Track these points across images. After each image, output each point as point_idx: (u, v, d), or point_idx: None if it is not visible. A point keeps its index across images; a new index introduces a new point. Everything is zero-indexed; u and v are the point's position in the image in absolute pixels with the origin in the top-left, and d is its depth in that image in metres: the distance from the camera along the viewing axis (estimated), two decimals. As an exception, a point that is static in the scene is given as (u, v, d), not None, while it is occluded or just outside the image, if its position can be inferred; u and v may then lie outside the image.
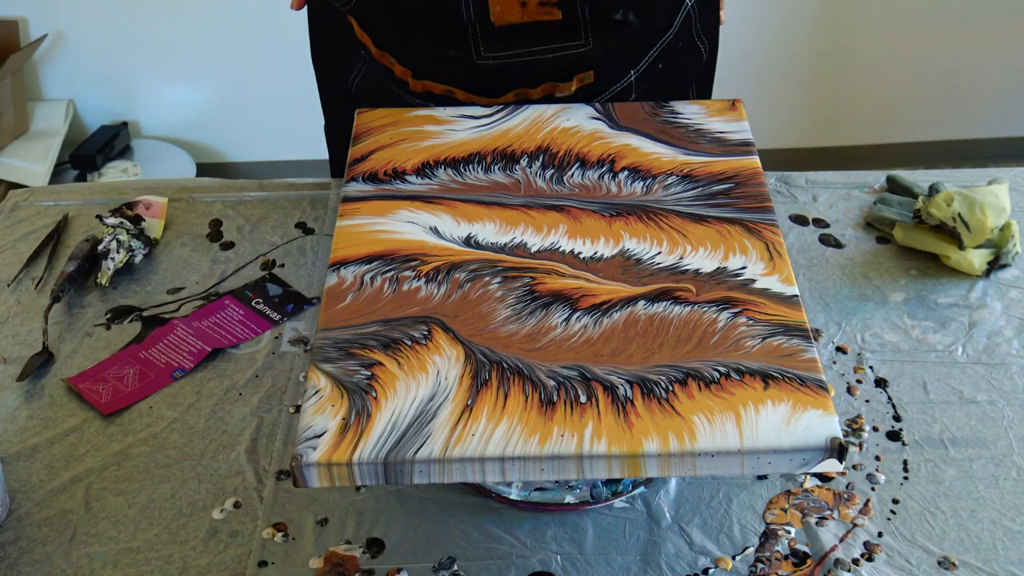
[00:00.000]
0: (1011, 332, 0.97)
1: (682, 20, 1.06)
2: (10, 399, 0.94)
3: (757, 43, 2.47)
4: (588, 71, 1.03)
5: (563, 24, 0.99)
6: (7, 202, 1.18)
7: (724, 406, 0.70)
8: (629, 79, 1.06)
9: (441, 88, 1.04)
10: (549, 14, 0.98)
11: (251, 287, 1.05)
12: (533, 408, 0.70)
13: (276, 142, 2.63)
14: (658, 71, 1.07)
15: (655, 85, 1.08)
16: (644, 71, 1.06)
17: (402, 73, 1.05)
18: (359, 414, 0.70)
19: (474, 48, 1.00)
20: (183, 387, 0.95)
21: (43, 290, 1.05)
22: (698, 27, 1.09)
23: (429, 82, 1.04)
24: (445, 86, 1.04)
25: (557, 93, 1.03)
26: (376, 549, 0.81)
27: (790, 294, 0.78)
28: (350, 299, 0.79)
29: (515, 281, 0.80)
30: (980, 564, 0.79)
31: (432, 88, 1.05)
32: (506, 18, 0.98)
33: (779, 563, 0.79)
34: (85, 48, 2.49)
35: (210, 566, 0.80)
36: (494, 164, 0.92)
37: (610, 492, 0.83)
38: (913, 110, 2.63)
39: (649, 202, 0.88)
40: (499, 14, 0.98)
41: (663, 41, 1.06)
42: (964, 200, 1.03)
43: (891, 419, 0.90)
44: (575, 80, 1.03)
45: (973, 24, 2.50)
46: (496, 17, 0.98)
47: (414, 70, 1.04)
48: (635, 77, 1.06)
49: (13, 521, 0.83)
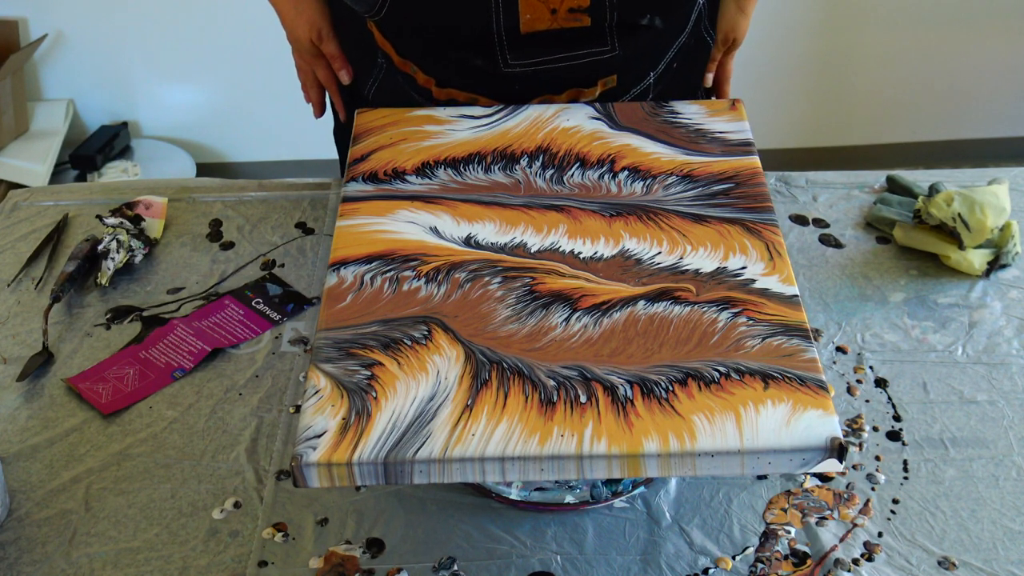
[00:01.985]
0: (1011, 332, 0.97)
1: (695, 19, 1.07)
2: (10, 399, 0.94)
3: (757, 43, 2.46)
4: (612, 75, 1.03)
5: (591, 31, 0.99)
6: (7, 202, 1.18)
7: (724, 406, 0.70)
8: (648, 81, 1.06)
9: (465, 96, 1.04)
10: (578, 20, 0.97)
11: (251, 287, 1.05)
12: (533, 408, 0.70)
13: (276, 142, 2.63)
14: (673, 70, 1.08)
15: (671, 84, 1.09)
16: (662, 72, 1.07)
17: (425, 81, 1.05)
18: (359, 414, 0.70)
19: (500, 57, 0.99)
20: (183, 387, 0.95)
21: (43, 290, 1.05)
22: (706, 22, 1.09)
23: (453, 90, 1.04)
24: (469, 94, 1.04)
25: (581, 99, 1.04)
26: (376, 549, 0.81)
27: (790, 294, 0.78)
28: (350, 299, 0.79)
29: (515, 281, 0.80)
30: (980, 564, 0.79)
31: (456, 96, 1.04)
32: (535, 26, 0.97)
33: (779, 563, 0.79)
34: (85, 48, 2.49)
35: (210, 566, 0.80)
36: (494, 164, 0.92)
37: (610, 492, 0.83)
38: (913, 110, 2.63)
39: (649, 202, 0.88)
40: (529, 22, 0.97)
41: (680, 40, 1.06)
42: (964, 200, 1.03)
43: (891, 419, 0.90)
44: (599, 85, 1.03)
45: (973, 24, 2.50)
46: (525, 25, 0.97)
47: (438, 78, 1.04)
48: (653, 79, 1.07)
49: (13, 521, 0.83)
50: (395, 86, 1.08)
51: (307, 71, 1.13)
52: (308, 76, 1.13)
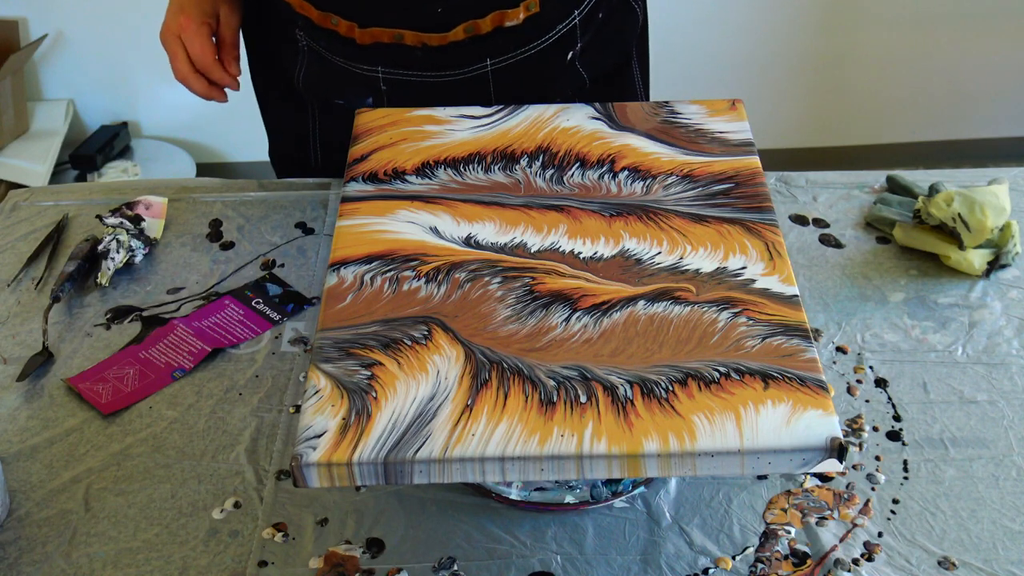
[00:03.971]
0: (1011, 332, 0.97)
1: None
2: (10, 399, 0.94)
3: (757, 43, 2.47)
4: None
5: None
6: (7, 202, 1.18)
7: (724, 406, 0.70)
8: (573, 20, 1.07)
9: (390, 34, 1.03)
10: None
11: (251, 287, 1.05)
12: (533, 408, 0.70)
13: (276, 142, 2.63)
14: (599, 20, 1.09)
15: (597, 38, 1.10)
16: (586, 15, 1.08)
17: (347, 29, 1.04)
18: (359, 414, 0.70)
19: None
20: (183, 387, 0.95)
21: (43, 290, 1.05)
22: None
23: (376, 29, 1.03)
24: (394, 30, 1.03)
25: (506, 23, 1.03)
26: (376, 549, 0.81)
27: (790, 294, 0.78)
28: (350, 299, 0.79)
29: (515, 281, 0.80)
30: (980, 564, 0.79)
31: (380, 37, 1.04)
32: None
33: (779, 563, 0.79)
34: (85, 48, 2.49)
35: (210, 566, 0.80)
36: (494, 164, 0.92)
37: (610, 492, 0.83)
38: (913, 110, 2.64)
39: (649, 202, 0.88)
40: None
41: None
42: (964, 200, 1.03)
43: (891, 419, 0.90)
44: (522, 7, 1.03)
45: (973, 24, 2.50)
46: None
47: (359, 19, 1.03)
48: (579, 19, 1.07)
49: (13, 521, 0.83)
50: (321, 65, 1.08)
51: (185, 56, 1.09)
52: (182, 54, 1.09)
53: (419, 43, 1.04)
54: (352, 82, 1.08)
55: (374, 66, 1.05)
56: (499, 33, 1.04)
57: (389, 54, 1.05)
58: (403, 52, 1.05)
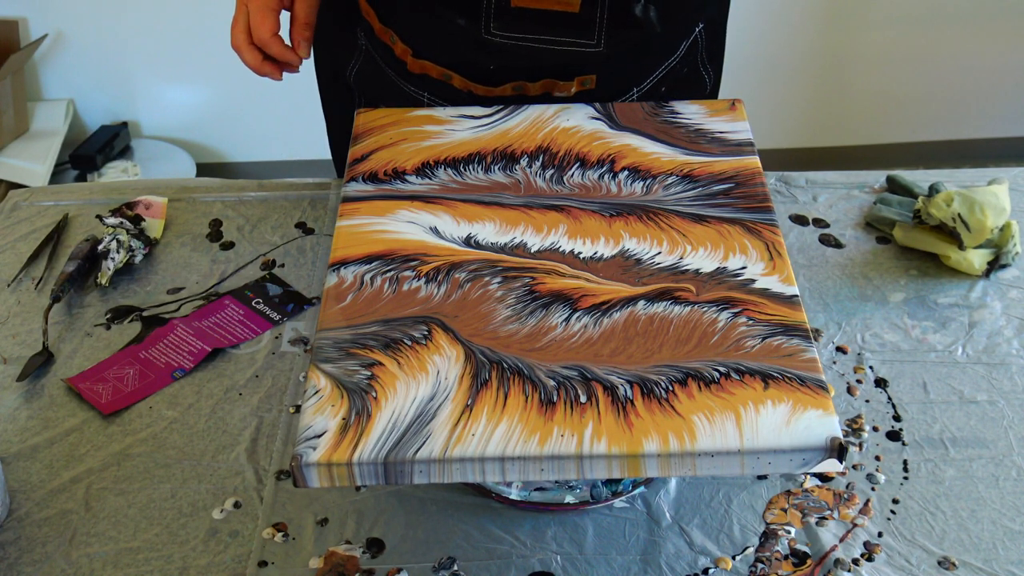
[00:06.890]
0: (1011, 332, 0.97)
1: (689, 45, 1.06)
2: (10, 399, 0.94)
3: (758, 43, 2.47)
4: (591, 75, 1.02)
5: (578, 18, 0.98)
6: (7, 202, 1.18)
7: (724, 406, 0.70)
8: (631, 96, 1.06)
9: (439, 71, 1.03)
10: (568, 4, 0.97)
11: (251, 287, 1.05)
12: (533, 408, 0.70)
13: (276, 142, 2.63)
14: (660, 94, 1.07)
15: None
16: (647, 91, 1.06)
17: (402, 52, 1.04)
18: (359, 414, 0.70)
19: (484, 22, 0.98)
20: (183, 387, 0.95)
21: (43, 290, 1.05)
22: (704, 56, 1.08)
23: (428, 62, 1.03)
24: (443, 68, 1.03)
25: (556, 92, 1.03)
26: (376, 549, 0.81)
27: (790, 294, 0.78)
28: (350, 299, 0.79)
29: (515, 281, 0.80)
30: (980, 564, 0.79)
31: (429, 71, 1.04)
32: (526, 1, 0.96)
33: (779, 563, 0.79)
34: (85, 48, 2.49)
35: (210, 566, 0.80)
36: (494, 164, 0.92)
37: (610, 492, 0.83)
38: (913, 110, 2.63)
39: (649, 202, 0.88)
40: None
41: (669, 63, 1.05)
42: (964, 200, 1.03)
43: (891, 419, 0.90)
44: (576, 81, 1.03)
45: (973, 24, 2.50)
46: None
47: (415, 47, 1.03)
48: (636, 96, 1.06)
49: (13, 521, 0.83)
50: (374, 69, 1.07)
51: (245, 26, 1.00)
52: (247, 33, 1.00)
53: (466, 88, 1.04)
54: (399, 95, 1.08)
55: (421, 91, 1.05)
56: (547, 98, 1.03)
57: (437, 87, 1.05)
58: (450, 90, 1.05)
